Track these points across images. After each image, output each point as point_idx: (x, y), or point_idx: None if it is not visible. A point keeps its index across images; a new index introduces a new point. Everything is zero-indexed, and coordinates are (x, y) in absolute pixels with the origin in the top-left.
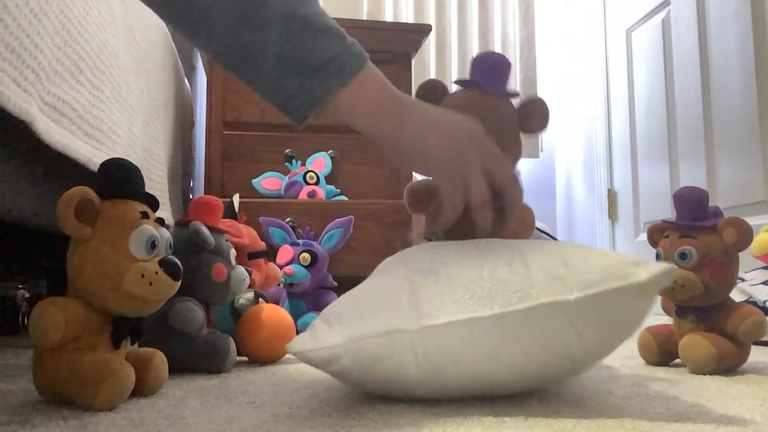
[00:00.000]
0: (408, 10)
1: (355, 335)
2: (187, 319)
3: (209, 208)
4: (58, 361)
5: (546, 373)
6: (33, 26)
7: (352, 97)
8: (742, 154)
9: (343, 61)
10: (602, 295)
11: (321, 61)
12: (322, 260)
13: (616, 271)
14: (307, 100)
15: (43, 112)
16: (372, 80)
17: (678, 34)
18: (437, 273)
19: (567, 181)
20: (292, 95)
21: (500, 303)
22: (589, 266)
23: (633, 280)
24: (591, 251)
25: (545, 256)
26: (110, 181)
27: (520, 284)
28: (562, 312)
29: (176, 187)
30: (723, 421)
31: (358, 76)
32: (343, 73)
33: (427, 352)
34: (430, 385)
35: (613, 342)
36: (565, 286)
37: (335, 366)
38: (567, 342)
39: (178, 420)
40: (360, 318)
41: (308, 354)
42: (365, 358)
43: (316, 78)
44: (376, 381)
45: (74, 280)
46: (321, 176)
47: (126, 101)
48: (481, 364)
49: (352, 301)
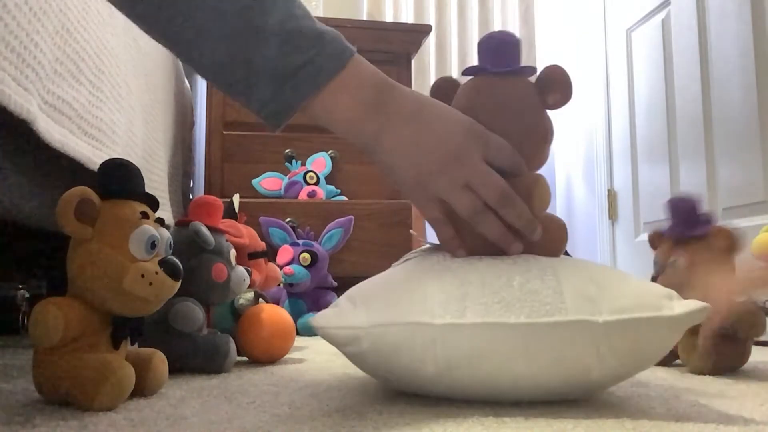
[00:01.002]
0: (408, 10)
1: (378, 320)
2: (187, 319)
3: (209, 208)
4: (58, 361)
5: (559, 389)
6: (33, 25)
7: (328, 103)
8: (742, 154)
9: (318, 65)
10: (631, 323)
11: (293, 67)
12: (322, 260)
13: (648, 300)
14: (280, 109)
15: (43, 111)
16: (352, 83)
17: (678, 34)
18: (468, 274)
19: (567, 181)
20: (265, 103)
21: (528, 313)
22: (622, 291)
23: (665, 313)
24: (626, 277)
25: (579, 275)
26: (110, 181)
27: (551, 298)
28: (587, 332)
29: (176, 187)
30: (723, 421)
31: (335, 80)
32: (318, 78)
33: (446, 349)
34: (443, 382)
35: (633, 369)
36: (595, 307)
37: (353, 347)
38: (587, 363)
39: (178, 420)
40: (386, 304)
41: (330, 330)
42: (384, 345)
43: (288, 85)
44: (390, 370)
45: (74, 280)
46: (321, 176)
47: (126, 101)
48: (498, 370)
49: (381, 286)
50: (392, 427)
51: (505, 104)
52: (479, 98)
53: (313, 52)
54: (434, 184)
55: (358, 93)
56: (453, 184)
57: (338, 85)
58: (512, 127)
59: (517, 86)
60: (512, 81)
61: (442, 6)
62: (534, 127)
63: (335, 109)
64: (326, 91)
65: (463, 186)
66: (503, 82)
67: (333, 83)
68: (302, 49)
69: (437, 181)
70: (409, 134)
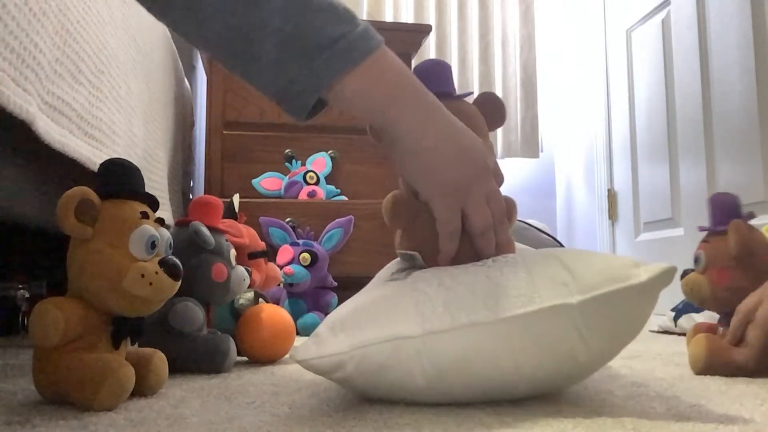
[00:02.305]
0: (408, 10)
1: (358, 342)
2: (187, 319)
3: (209, 208)
4: (58, 361)
5: (552, 378)
6: (33, 26)
7: (362, 84)
8: (742, 154)
9: (352, 41)
10: (604, 298)
11: (327, 40)
12: (322, 260)
13: (616, 273)
14: (309, 85)
15: (43, 111)
16: (388, 67)
17: (678, 34)
18: (441, 279)
19: (567, 181)
20: (292, 80)
21: (504, 308)
22: (590, 270)
23: (633, 282)
24: (592, 255)
25: (547, 262)
26: (110, 181)
27: (525, 289)
28: (565, 316)
29: (176, 187)
30: (723, 421)
31: (369, 59)
32: (353, 54)
33: (432, 358)
34: (435, 391)
35: (617, 345)
36: (567, 290)
37: (339, 373)
38: (571, 346)
39: (178, 420)
40: (364, 325)
41: (312, 362)
42: (369, 365)
43: (320, 59)
44: (380, 388)
45: (74, 280)
46: (321, 176)
47: (126, 101)
48: (486, 370)
49: (356, 308)
50: (392, 427)
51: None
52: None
53: (347, 28)
54: (470, 191)
55: (396, 79)
56: (482, 196)
57: (374, 64)
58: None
59: (468, 108)
60: (460, 103)
61: (442, 6)
62: (488, 144)
63: (369, 90)
64: (361, 70)
65: (485, 200)
66: (453, 104)
67: (369, 61)
68: (335, 25)
69: (474, 189)
70: (451, 136)
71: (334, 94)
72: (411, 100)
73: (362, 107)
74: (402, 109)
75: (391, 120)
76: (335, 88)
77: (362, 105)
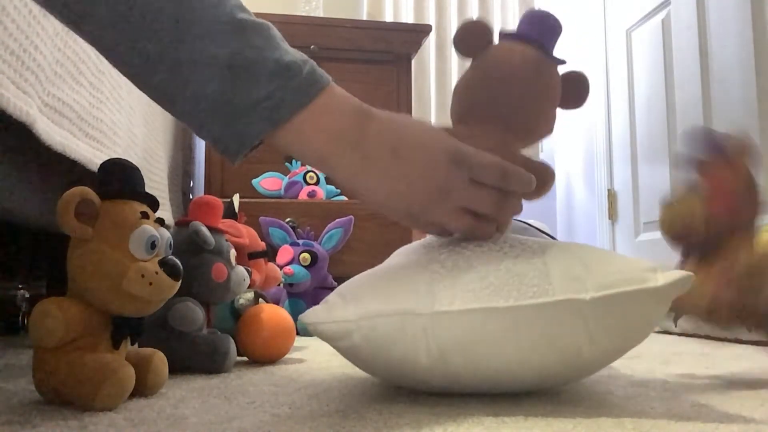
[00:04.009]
0: (408, 10)
1: (367, 312)
2: (187, 319)
3: (209, 208)
4: (58, 361)
5: (554, 371)
6: (32, 28)
7: (293, 138)
8: None
9: (279, 99)
10: (617, 297)
11: (250, 101)
12: (322, 260)
13: (633, 275)
14: (232, 146)
15: (43, 113)
16: (323, 119)
17: (678, 34)
18: (456, 262)
19: (567, 181)
20: (217, 139)
21: (516, 296)
22: (607, 268)
23: (649, 285)
24: (612, 255)
25: (565, 256)
26: (110, 181)
27: (538, 279)
28: (575, 311)
29: (176, 187)
30: (723, 421)
31: (301, 114)
32: (279, 112)
33: (438, 337)
34: (437, 373)
35: (623, 346)
36: (581, 285)
37: (345, 341)
38: (578, 342)
39: (178, 420)
40: (375, 296)
41: (320, 326)
42: (376, 336)
43: (242, 122)
44: (384, 362)
45: (74, 280)
46: (321, 176)
47: (126, 101)
48: (491, 355)
49: (369, 280)
50: (392, 427)
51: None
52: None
53: (275, 85)
54: (427, 215)
55: (332, 127)
56: (445, 211)
57: (306, 120)
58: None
59: (552, 71)
60: (549, 62)
61: (442, 6)
62: (546, 120)
63: (305, 144)
64: (290, 126)
65: (457, 210)
66: (540, 59)
67: (299, 117)
68: (261, 84)
69: (429, 212)
70: (392, 173)
71: (268, 142)
72: (348, 149)
73: (298, 156)
74: (339, 159)
75: (329, 168)
76: (265, 140)
77: (297, 154)
